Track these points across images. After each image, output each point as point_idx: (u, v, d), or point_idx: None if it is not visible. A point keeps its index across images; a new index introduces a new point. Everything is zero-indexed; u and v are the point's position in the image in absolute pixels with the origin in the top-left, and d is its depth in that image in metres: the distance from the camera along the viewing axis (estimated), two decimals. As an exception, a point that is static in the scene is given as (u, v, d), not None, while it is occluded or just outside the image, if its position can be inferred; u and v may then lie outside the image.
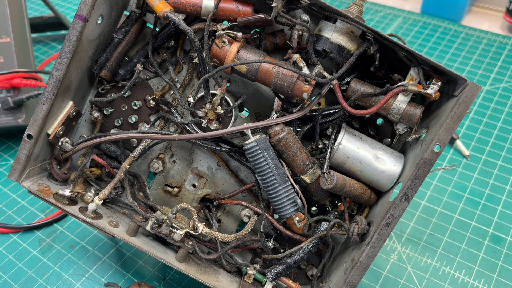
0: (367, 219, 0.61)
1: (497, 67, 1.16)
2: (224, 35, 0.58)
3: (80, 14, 0.57)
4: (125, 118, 0.70)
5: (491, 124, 1.01)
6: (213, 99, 0.62)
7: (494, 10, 1.40)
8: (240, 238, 0.64)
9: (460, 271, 0.75)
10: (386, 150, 0.60)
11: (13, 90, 0.88)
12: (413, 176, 0.55)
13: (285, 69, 0.57)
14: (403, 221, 0.82)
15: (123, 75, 0.68)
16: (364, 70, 0.62)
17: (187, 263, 0.64)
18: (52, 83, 0.59)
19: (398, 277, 0.74)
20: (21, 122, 0.88)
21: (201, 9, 0.60)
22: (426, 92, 0.55)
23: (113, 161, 0.70)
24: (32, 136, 0.60)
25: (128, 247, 0.78)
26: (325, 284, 0.63)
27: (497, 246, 0.78)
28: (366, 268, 0.56)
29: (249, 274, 0.64)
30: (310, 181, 0.60)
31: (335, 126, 0.62)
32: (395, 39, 0.55)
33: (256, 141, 0.58)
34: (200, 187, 0.71)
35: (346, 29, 0.57)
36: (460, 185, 0.88)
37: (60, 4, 1.45)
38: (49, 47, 1.25)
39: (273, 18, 0.58)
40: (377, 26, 1.33)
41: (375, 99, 0.58)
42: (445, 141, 0.54)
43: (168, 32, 0.65)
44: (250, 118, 0.69)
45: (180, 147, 0.71)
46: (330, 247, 0.62)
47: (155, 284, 0.73)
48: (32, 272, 0.73)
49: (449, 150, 0.95)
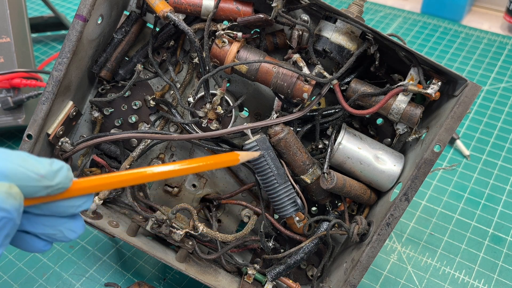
0: (367, 219, 0.61)
1: (497, 67, 1.16)
2: (224, 35, 0.58)
3: (80, 14, 0.57)
4: (125, 118, 0.70)
5: (491, 124, 1.01)
6: (213, 99, 0.62)
7: (494, 10, 1.40)
8: (240, 238, 0.64)
9: (460, 271, 0.75)
10: (386, 150, 0.60)
11: (13, 90, 0.88)
12: (413, 176, 0.55)
13: (285, 69, 0.57)
14: (403, 221, 0.82)
15: (123, 75, 0.68)
16: (364, 70, 0.62)
17: (187, 263, 0.64)
18: (52, 83, 0.59)
19: (398, 277, 0.74)
20: (21, 122, 0.88)
21: (201, 9, 0.60)
22: (426, 92, 0.55)
23: (113, 161, 0.70)
24: (32, 136, 0.60)
25: (128, 247, 0.78)
26: (325, 284, 0.63)
27: (497, 246, 0.78)
28: (366, 268, 0.56)
29: (249, 274, 0.64)
30: (310, 181, 0.60)
31: (335, 126, 0.62)
32: (395, 39, 0.55)
33: (256, 141, 0.58)
34: (200, 187, 0.71)
35: (346, 29, 0.57)
36: (460, 185, 0.88)
37: (60, 4, 1.45)
38: (49, 47, 1.25)
39: (273, 18, 0.58)
40: (377, 26, 1.33)
41: (375, 99, 0.58)
42: (445, 141, 0.54)
43: (168, 32, 0.65)
44: (250, 118, 0.69)
45: (180, 147, 0.71)
46: (330, 247, 0.62)
47: (155, 284, 0.73)
48: (32, 272, 0.73)
49: (449, 150, 0.95)
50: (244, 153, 0.54)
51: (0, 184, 0.36)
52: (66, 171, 0.39)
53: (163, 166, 0.45)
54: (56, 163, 0.39)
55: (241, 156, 0.53)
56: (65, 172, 0.39)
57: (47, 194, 0.38)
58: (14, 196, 0.36)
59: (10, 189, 0.36)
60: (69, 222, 0.42)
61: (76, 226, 0.42)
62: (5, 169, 0.36)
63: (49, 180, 0.38)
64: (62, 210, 0.41)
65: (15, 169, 0.37)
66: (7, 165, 0.37)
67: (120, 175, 0.43)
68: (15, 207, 0.36)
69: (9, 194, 0.36)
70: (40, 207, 0.40)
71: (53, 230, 0.41)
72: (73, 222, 0.42)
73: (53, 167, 0.39)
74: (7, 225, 0.36)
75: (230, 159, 0.52)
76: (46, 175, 0.38)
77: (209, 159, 0.49)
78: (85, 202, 0.42)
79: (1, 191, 0.35)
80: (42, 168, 0.38)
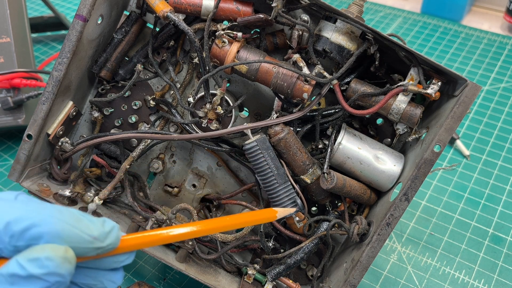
0: (367, 219, 0.61)
1: (497, 67, 1.16)
2: (224, 35, 0.58)
3: (80, 14, 0.57)
4: (125, 118, 0.70)
5: (491, 124, 1.01)
6: (213, 99, 0.62)
7: (494, 10, 1.40)
8: (240, 238, 0.64)
9: (460, 271, 0.75)
10: (386, 150, 0.60)
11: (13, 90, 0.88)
12: (413, 176, 0.55)
13: (285, 69, 0.57)
14: (403, 221, 0.82)
15: (123, 75, 0.68)
16: (364, 70, 0.62)
17: (187, 263, 0.64)
18: (52, 83, 0.59)
19: (398, 277, 0.74)
20: (21, 122, 0.88)
21: (201, 9, 0.60)
22: (426, 92, 0.55)
23: (113, 161, 0.70)
24: (32, 136, 0.60)
25: (128, 247, 0.78)
26: (325, 284, 0.63)
27: (497, 246, 0.78)
28: (366, 268, 0.56)
29: (249, 274, 0.64)
30: (310, 181, 0.60)
31: (335, 126, 0.62)
32: (395, 39, 0.55)
33: (256, 141, 0.58)
34: (200, 187, 0.71)
35: (346, 29, 0.57)
36: (460, 185, 0.88)
37: (60, 4, 1.45)
38: (49, 47, 1.25)
39: (273, 18, 0.58)
40: (377, 26, 1.33)
41: (375, 99, 0.58)
42: (445, 141, 0.54)
43: (168, 32, 0.65)
44: (250, 118, 0.69)
45: (180, 147, 0.71)
46: (330, 247, 0.62)
47: (155, 284, 0.73)
48: (32, 272, 0.73)
49: (449, 150, 0.95)
50: (281, 210, 0.54)
51: (57, 247, 0.35)
52: (117, 232, 0.39)
53: (206, 223, 0.45)
54: (108, 223, 0.39)
55: (279, 213, 0.52)
56: (116, 233, 0.39)
57: (97, 254, 0.39)
58: (69, 260, 0.36)
59: (66, 253, 0.36)
60: (110, 274, 0.42)
61: (117, 278, 0.43)
62: (60, 230, 0.36)
63: (101, 242, 0.38)
64: (107, 265, 0.41)
65: (69, 231, 0.36)
66: (62, 226, 0.36)
67: (166, 235, 0.43)
68: (70, 272, 0.36)
69: (65, 259, 0.35)
70: (86, 262, 0.40)
71: (95, 281, 0.41)
72: (114, 274, 0.42)
73: (106, 228, 0.39)
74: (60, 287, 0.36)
75: (268, 216, 0.52)
76: (99, 236, 0.38)
77: (247, 216, 0.49)
78: (128, 258, 0.42)
79: (57, 256, 0.35)
80: (95, 230, 0.38)
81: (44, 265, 0.34)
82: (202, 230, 0.44)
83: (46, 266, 0.34)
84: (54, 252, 0.35)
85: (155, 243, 0.43)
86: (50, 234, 0.36)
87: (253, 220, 0.50)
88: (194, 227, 0.44)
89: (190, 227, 0.44)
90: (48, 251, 0.35)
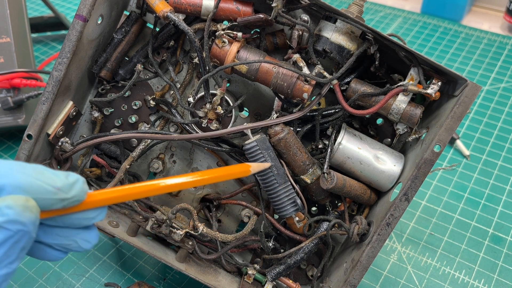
0: (367, 219, 0.61)
1: (497, 67, 1.16)
2: (224, 35, 0.58)
3: (80, 14, 0.57)
4: (125, 118, 0.70)
5: (491, 124, 1.01)
6: (213, 99, 0.62)
7: (494, 10, 1.40)
8: (240, 238, 0.64)
9: (460, 271, 0.75)
10: (386, 150, 0.60)
11: (13, 90, 0.88)
12: (413, 176, 0.55)
13: (285, 69, 0.57)
14: (403, 221, 0.82)
15: (123, 75, 0.68)
16: (364, 70, 0.62)
17: (187, 263, 0.64)
18: (52, 83, 0.59)
19: (398, 277, 0.74)
20: (21, 122, 0.88)
21: (201, 9, 0.60)
22: (426, 92, 0.55)
23: (113, 161, 0.70)
24: (32, 136, 0.60)
25: (128, 247, 0.78)
26: (325, 284, 0.63)
27: (497, 246, 0.78)
28: (366, 268, 0.56)
29: (249, 274, 0.64)
30: (310, 181, 0.60)
31: (335, 126, 0.62)
32: (395, 39, 0.55)
33: (256, 141, 0.58)
34: (200, 187, 0.71)
35: (346, 29, 0.57)
36: (460, 185, 0.88)
37: (60, 4, 1.45)
38: (49, 47, 1.25)
39: (273, 18, 0.58)
40: (377, 26, 1.33)
41: (375, 99, 0.58)
42: (445, 141, 0.54)
43: (168, 32, 0.65)
44: (250, 118, 0.69)
45: (180, 147, 0.71)
46: (330, 247, 0.62)
47: (155, 284, 0.73)
48: (32, 272, 0.73)
49: (449, 150, 0.95)
50: (255, 165, 0.54)
51: (17, 197, 0.36)
52: (81, 184, 0.40)
53: (175, 178, 0.45)
54: (72, 176, 0.39)
55: (252, 167, 0.53)
56: (81, 185, 0.40)
57: (63, 206, 0.39)
58: (30, 209, 0.36)
59: (27, 202, 0.36)
60: (83, 232, 0.42)
61: (91, 236, 0.43)
62: (22, 182, 0.36)
63: (65, 193, 0.38)
64: (77, 222, 0.41)
65: (32, 182, 0.37)
66: (23, 178, 0.37)
67: (133, 188, 0.43)
68: (32, 220, 0.36)
69: (26, 207, 0.36)
70: (55, 219, 0.40)
71: (68, 241, 0.42)
72: (88, 232, 0.43)
73: (69, 180, 0.39)
74: (23, 238, 0.36)
75: (241, 170, 0.53)
76: (62, 187, 0.38)
77: (220, 170, 0.49)
78: (99, 214, 0.42)
79: (17, 204, 0.35)
80: (58, 181, 0.38)
81: (4, 213, 0.35)
82: (169, 186, 0.45)
83: (6, 214, 0.35)
84: (14, 201, 0.35)
85: (122, 198, 0.43)
86: (12, 186, 0.36)
87: (227, 174, 0.50)
88: (161, 181, 0.44)
89: (158, 181, 0.44)
90: (9, 200, 0.35)
